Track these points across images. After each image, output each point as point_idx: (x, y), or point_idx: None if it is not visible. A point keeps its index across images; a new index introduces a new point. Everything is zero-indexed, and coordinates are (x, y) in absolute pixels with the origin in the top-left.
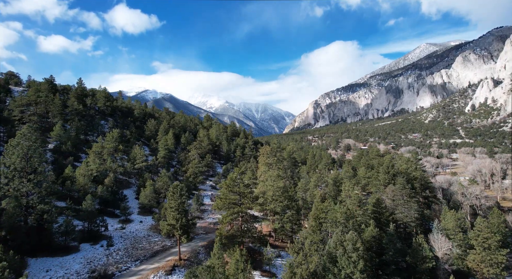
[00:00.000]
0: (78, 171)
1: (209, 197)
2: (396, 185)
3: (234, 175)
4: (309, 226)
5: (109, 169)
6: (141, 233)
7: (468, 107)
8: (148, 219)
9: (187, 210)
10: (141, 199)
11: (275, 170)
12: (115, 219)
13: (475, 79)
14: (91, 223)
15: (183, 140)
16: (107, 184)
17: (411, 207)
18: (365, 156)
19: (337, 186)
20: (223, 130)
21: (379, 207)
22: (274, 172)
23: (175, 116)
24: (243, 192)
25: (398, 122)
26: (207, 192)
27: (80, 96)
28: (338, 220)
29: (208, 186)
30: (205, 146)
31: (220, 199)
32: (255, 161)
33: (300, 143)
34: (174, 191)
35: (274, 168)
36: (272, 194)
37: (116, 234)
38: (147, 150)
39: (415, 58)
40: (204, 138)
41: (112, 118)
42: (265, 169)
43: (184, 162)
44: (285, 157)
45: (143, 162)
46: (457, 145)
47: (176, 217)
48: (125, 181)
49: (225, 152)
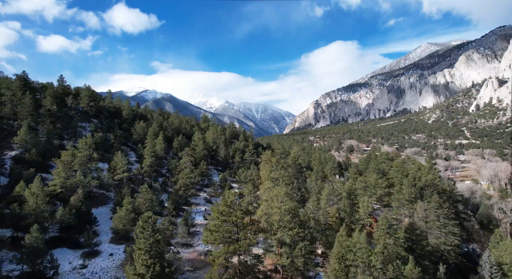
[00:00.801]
0: (31, 189)
1: (202, 214)
2: (431, 203)
3: (230, 199)
4: (331, 270)
5: (78, 183)
6: (108, 275)
7: (473, 107)
8: (122, 250)
9: (163, 253)
10: (114, 223)
11: (282, 186)
12: (78, 251)
13: (478, 78)
14: (35, 265)
15: (176, 145)
16: (73, 203)
17: (450, 232)
18: (374, 159)
19: (352, 199)
20: (221, 132)
21: (413, 234)
22: (282, 189)
23: (169, 117)
24: (241, 222)
25: (400, 123)
26: (200, 207)
27: (61, 95)
28: (373, 264)
29: (201, 199)
30: (199, 151)
31: (210, 232)
32: (256, 167)
33: (302, 144)
34: (144, 226)
35: (280, 183)
36: (278, 219)
37: (72, 277)
38: (133, 156)
39: (416, 58)
40: (199, 142)
41: (98, 120)
42: (269, 185)
43: (175, 171)
44: (290, 163)
45: (125, 172)
46: (464, 146)
47: (147, 263)
48: (101, 196)
49: (223, 157)
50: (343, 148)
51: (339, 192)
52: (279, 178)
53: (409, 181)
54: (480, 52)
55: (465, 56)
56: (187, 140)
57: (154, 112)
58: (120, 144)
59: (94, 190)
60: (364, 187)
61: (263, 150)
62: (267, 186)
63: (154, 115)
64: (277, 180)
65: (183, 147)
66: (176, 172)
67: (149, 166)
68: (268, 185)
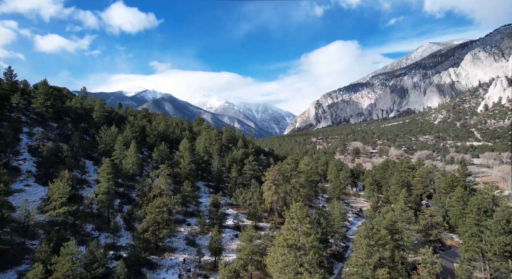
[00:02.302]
0: None
1: (177, 272)
2: None
3: None
4: None
5: None
6: None
7: (481, 107)
8: None
9: None
10: None
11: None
12: None
13: (485, 77)
14: None
15: (156, 156)
16: None
17: None
18: (392, 167)
19: (396, 240)
20: (216, 137)
21: None
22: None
23: (156, 119)
24: None
25: (405, 123)
26: (175, 255)
27: (6, 92)
28: None
29: (181, 240)
30: (185, 166)
31: None
32: (258, 185)
33: (304, 145)
34: None
35: (302, 227)
36: None
37: None
38: (92, 176)
39: (418, 58)
40: (186, 152)
41: (58, 124)
42: (289, 237)
43: (144, 198)
44: (303, 183)
45: (64, 206)
46: (476, 149)
47: None
48: (14, 248)
49: (216, 171)
50: (348, 151)
51: (375, 229)
52: (301, 225)
53: (499, 225)
54: (486, 51)
55: (471, 54)
56: (175, 148)
57: (140, 113)
58: (73, 159)
59: (4, 238)
60: (408, 220)
61: (265, 157)
62: (282, 241)
63: (139, 115)
64: (296, 230)
65: (164, 159)
66: (145, 200)
67: (106, 193)
68: (288, 237)
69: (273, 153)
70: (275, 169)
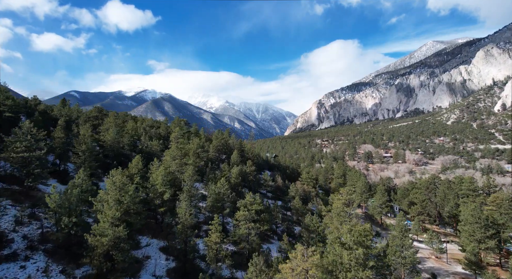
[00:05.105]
0: None
1: None
2: None
3: None
4: None
5: None
6: None
7: (498, 106)
8: None
9: None
10: None
11: None
12: None
13: (499, 75)
14: None
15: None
16: None
17: None
18: (444, 187)
19: None
20: (199, 147)
21: None
22: None
23: (105, 123)
24: None
25: (415, 124)
26: None
27: None
28: None
29: None
30: (103, 230)
31: None
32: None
33: (309, 148)
34: None
35: None
36: None
37: None
38: None
39: (422, 56)
40: (112, 196)
41: None
42: None
43: None
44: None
45: None
46: (504, 153)
47: None
48: None
49: (179, 230)
50: (359, 154)
51: None
52: None
53: None
54: (500, 47)
55: (484, 51)
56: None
57: (93, 111)
58: None
59: None
60: None
61: (269, 173)
62: None
63: (83, 117)
64: None
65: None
66: None
67: None
68: None
69: (279, 165)
70: (309, 259)
